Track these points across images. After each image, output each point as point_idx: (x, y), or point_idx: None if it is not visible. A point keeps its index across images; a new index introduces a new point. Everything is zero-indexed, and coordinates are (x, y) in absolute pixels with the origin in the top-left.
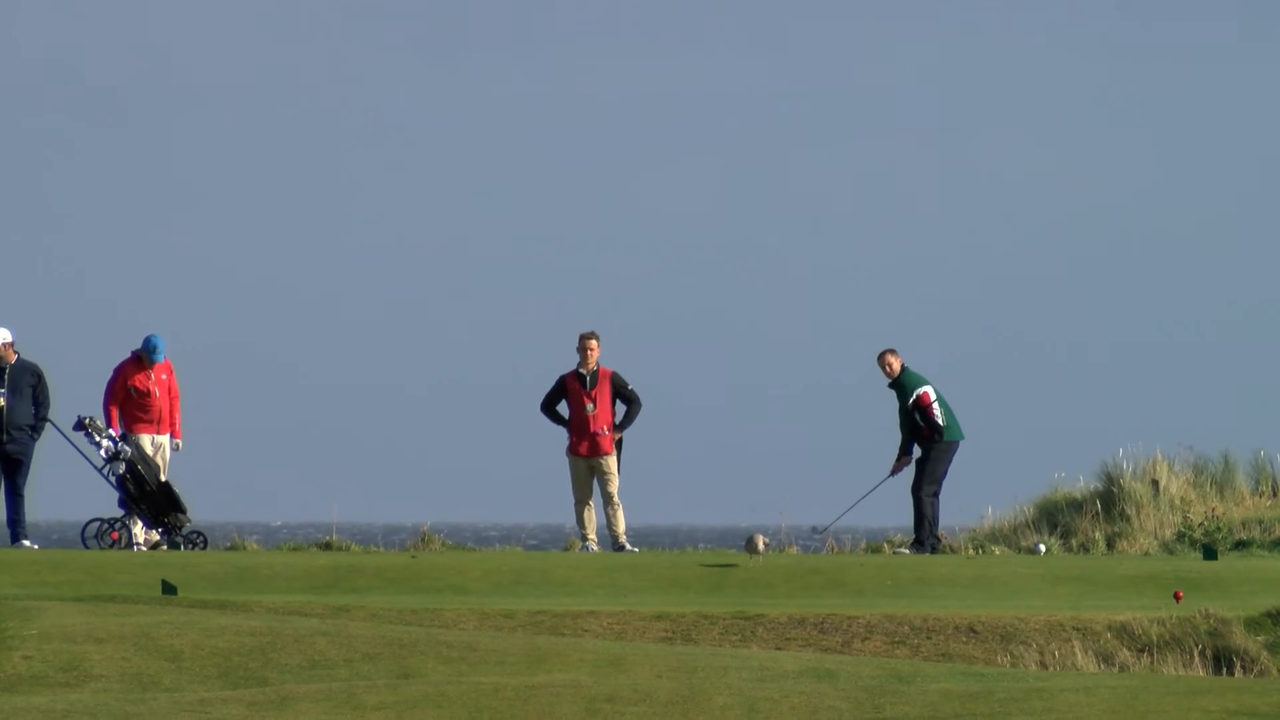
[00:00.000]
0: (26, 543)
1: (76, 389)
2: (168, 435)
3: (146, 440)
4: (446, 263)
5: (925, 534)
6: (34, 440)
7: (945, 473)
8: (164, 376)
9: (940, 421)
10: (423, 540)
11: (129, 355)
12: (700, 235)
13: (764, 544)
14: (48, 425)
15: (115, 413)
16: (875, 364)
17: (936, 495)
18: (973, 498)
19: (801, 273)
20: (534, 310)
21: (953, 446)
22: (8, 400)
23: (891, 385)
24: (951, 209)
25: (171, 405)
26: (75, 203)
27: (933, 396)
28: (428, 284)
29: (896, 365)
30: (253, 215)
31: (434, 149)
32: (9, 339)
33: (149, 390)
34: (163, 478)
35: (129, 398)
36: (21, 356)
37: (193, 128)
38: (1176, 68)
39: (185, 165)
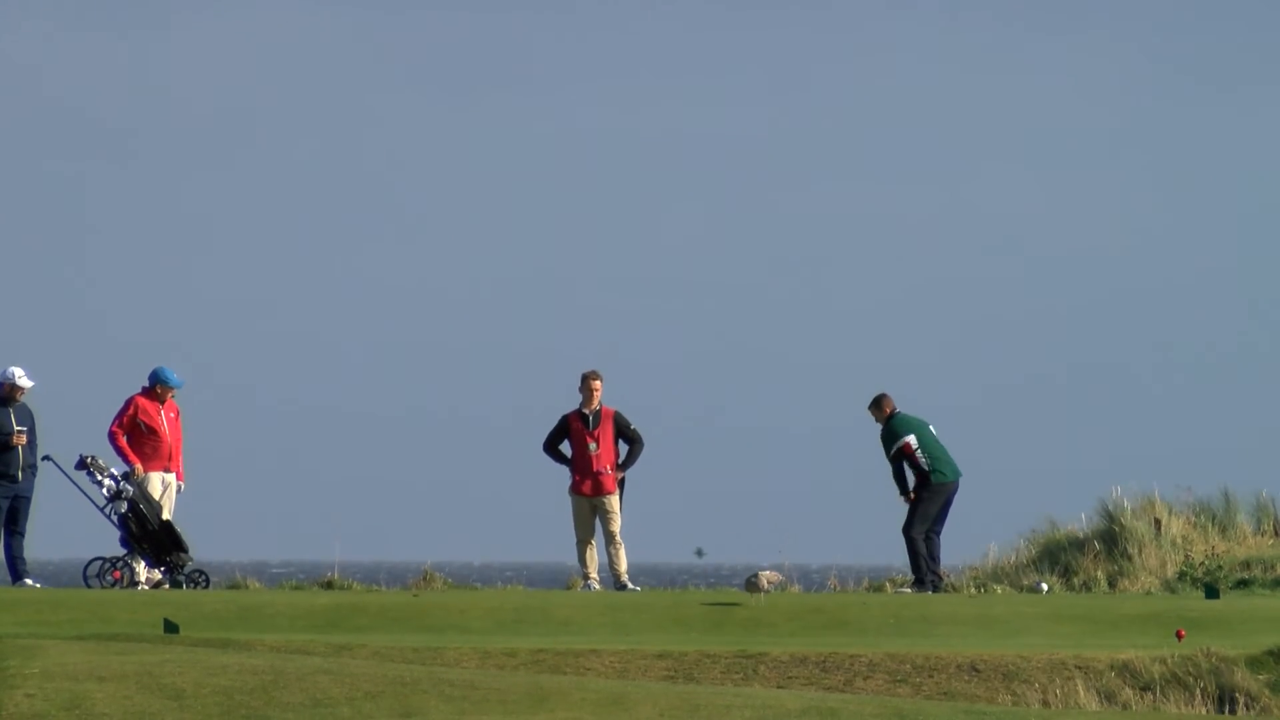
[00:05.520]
0: (29, 581)
1: (78, 426)
2: (174, 474)
3: (156, 478)
4: (449, 302)
5: (923, 572)
6: (35, 477)
7: (943, 513)
8: (172, 415)
9: (926, 467)
10: (424, 579)
11: (139, 390)
12: (703, 274)
13: (767, 582)
14: (48, 464)
15: (123, 440)
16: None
17: (938, 534)
18: (974, 536)
19: (802, 312)
20: (536, 348)
21: (945, 488)
22: (27, 438)
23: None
24: (948, 246)
25: (176, 444)
26: (83, 241)
27: (914, 445)
28: (431, 323)
29: (886, 410)
30: (257, 253)
31: (441, 188)
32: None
33: (158, 428)
34: (168, 516)
35: (137, 432)
36: None
37: (202, 169)
38: (1178, 109)
39: (192, 204)
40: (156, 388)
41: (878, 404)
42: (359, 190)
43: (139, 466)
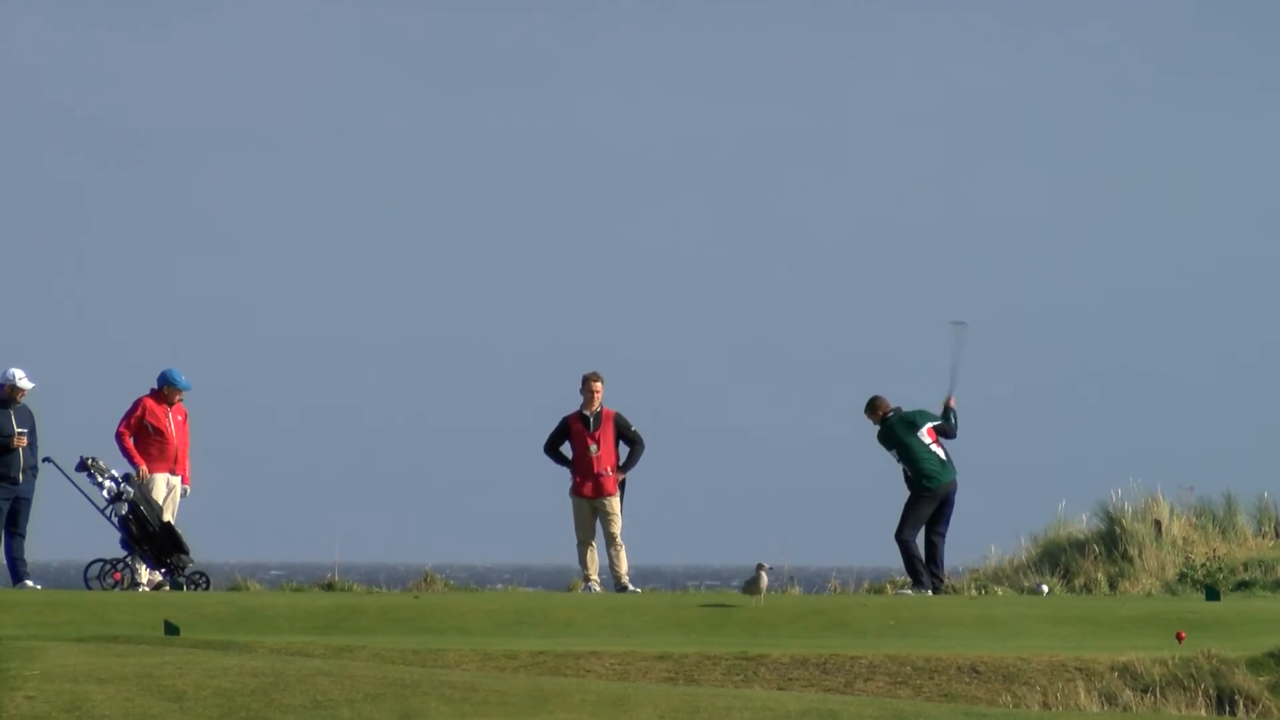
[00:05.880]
0: (29, 583)
1: (79, 428)
2: (179, 477)
3: (161, 480)
4: (449, 303)
5: (919, 574)
6: (36, 478)
7: (944, 515)
8: (179, 418)
9: (911, 475)
10: (425, 581)
11: (148, 391)
12: (701, 276)
13: (766, 582)
14: (48, 465)
15: (130, 441)
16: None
17: (942, 536)
18: (975, 538)
19: (801, 314)
20: (537, 350)
21: (935, 492)
22: (28, 439)
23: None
24: (950, 247)
25: (183, 447)
26: (82, 242)
27: (897, 459)
28: (431, 325)
29: (880, 412)
30: (258, 255)
31: (441, 191)
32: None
33: (165, 429)
34: (172, 519)
35: (144, 434)
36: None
37: (207, 171)
38: (1179, 110)
39: (193, 206)
40: (164, 389)
41: (872, 407)
42: (360, 192)
43: (144, 468)
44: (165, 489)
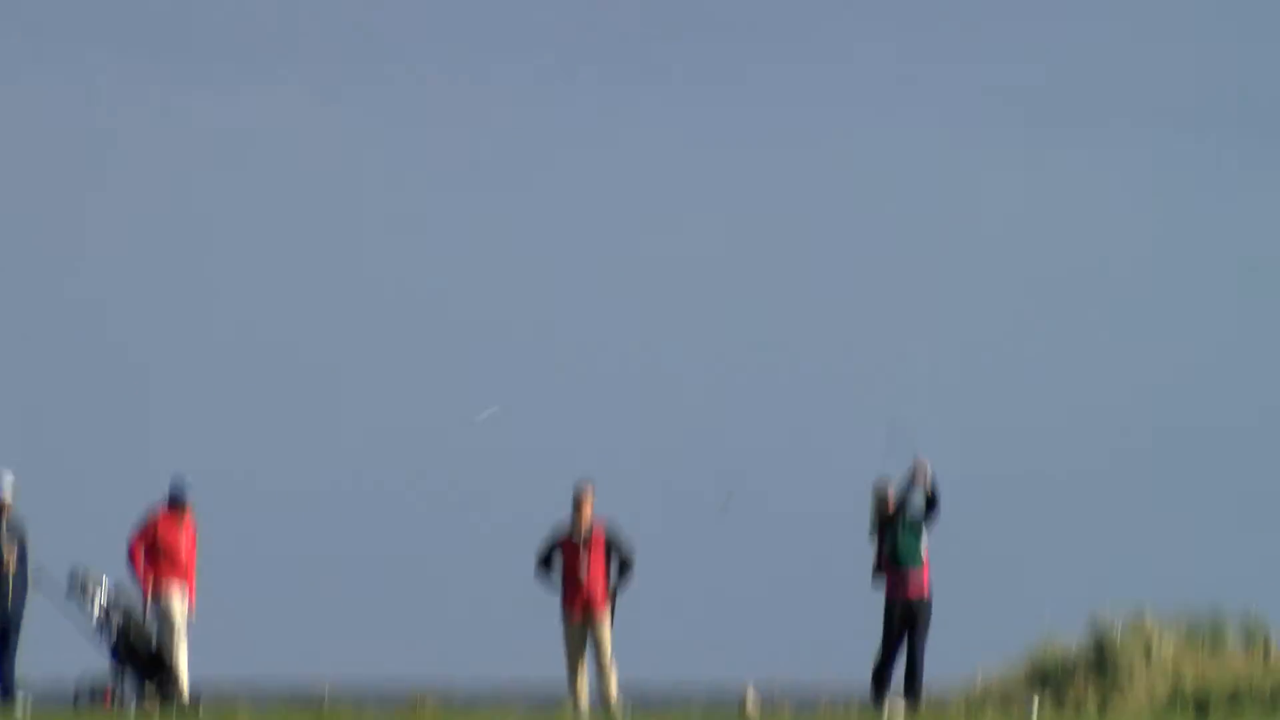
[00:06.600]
0: (20, 694)
1: (65, 538)
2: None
3: (178, 600)
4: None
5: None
6: (27, 595)
7: None
8: (190, 533)
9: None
10: (415, 706)
11: (158, 504)
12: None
13: (754, 696)
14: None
15: (140, 552)
16: (873, 495)
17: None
18: (964, 656)
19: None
20: (529, 456)
21: None
22: (18, 554)
23: (892, 515)
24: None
25: (190, 564)
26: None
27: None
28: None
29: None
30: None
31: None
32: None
33: (176, 542)
34: (180, 638)
35: (156, 547)
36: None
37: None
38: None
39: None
40: (174, 504)
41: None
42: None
43: (150, 593)
44: (180, 604)
